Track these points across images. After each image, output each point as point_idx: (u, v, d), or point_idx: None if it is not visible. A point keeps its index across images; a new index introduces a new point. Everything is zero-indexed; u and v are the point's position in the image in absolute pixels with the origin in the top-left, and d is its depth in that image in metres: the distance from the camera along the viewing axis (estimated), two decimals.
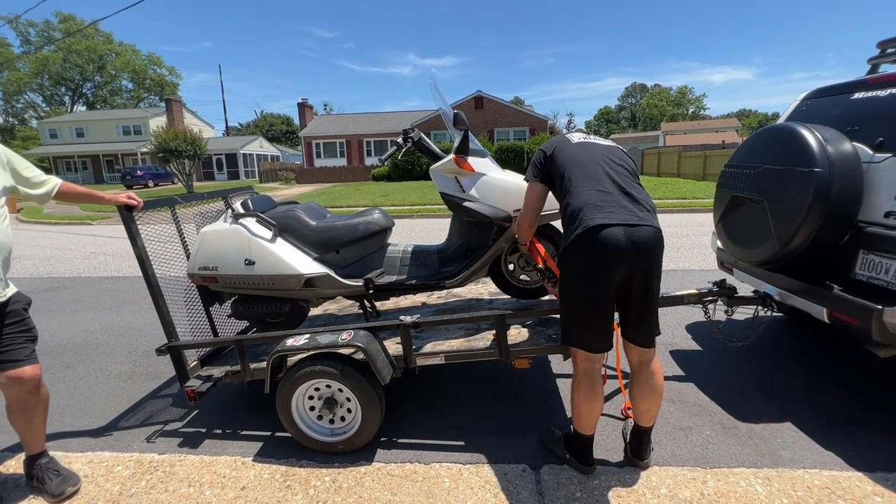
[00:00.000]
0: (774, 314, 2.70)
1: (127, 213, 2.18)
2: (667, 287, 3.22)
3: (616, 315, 2.26)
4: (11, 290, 1.87)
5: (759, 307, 2.67)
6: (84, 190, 2.17)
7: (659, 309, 2.42)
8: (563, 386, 2.70)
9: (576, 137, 1.97)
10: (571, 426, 1.97)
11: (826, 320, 2.16)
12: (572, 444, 1.98)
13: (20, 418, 1.91)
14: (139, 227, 2.24)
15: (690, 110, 69.67)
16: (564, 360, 2.34)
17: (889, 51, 2.58)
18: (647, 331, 1.82)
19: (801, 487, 1.82)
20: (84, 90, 48.33)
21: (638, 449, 1.98)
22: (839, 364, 2.88)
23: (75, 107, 47.74)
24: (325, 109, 60.70)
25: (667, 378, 2.75)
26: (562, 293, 1.83)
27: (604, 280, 1.66)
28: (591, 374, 1.82)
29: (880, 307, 1.86)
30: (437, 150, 2.49)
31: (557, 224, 2.50)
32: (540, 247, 2.29)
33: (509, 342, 2.14)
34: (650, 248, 1.66)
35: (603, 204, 1.67)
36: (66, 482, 1.93)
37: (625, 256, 1.63)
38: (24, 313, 1.91)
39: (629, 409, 2.35)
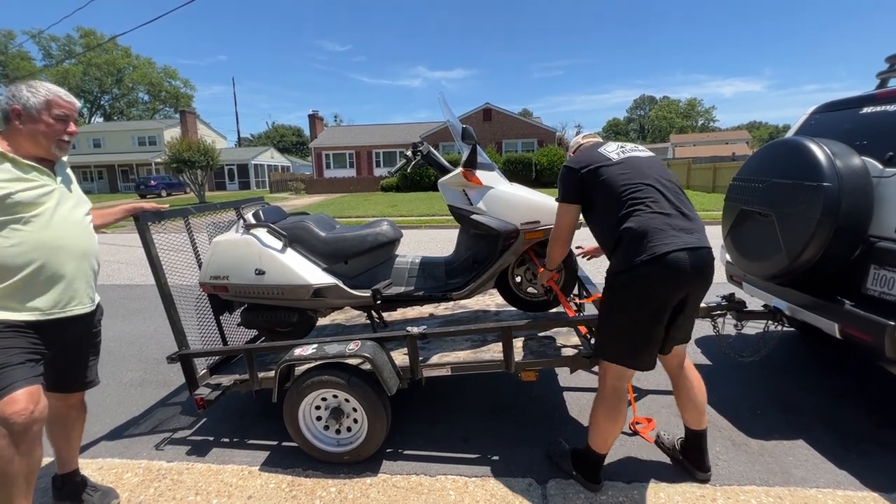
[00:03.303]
0: (785, 329, 2.66)
1: (142, 223, 2.23)
2: None
3: None
4: (97, 297, 1.87)
5: (770, 322, 2.64)
6: (107, 212, 2.10)
7: None
8: (570, 399, 2.68)
9: (613, 153, 1.83)
10: (586, 442, 1.91)
11: (838, 336, 2.13)
12: (581, 459, 1.95)
13: (60, 432, 1.87)
14: (153, 236, 2.29)
15: (700, 122, 69.48)
16: (571, 372, 2.34)
17: None
18: (686, 336, 1.87)
19: None
20: (102, 102, 49.62)
21: (701, 459, 1.95)
22: (853, 380, 2.83)
23: (93, 118, 48.98)
24: (336, 121, 61.54)
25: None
26: (611, 312, 1.75)
27: (667, 302, 1.65)
28: (619, 392, 1.80)
29: (893, 323, 1.84)
30: (445, 163, 2.53)
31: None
32: (553, 285, 2.37)
33: (516, 354, 2.14)
34: (709, 270, 1.68)
35: (665, 228, 1.63)
36: (107, 497, 1.93)
37: (690, 280, 1.62)
38: (100, 325, 1.91)
39: (637, 423, 2.33)
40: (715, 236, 2.16)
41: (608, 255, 1.81)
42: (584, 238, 2.43)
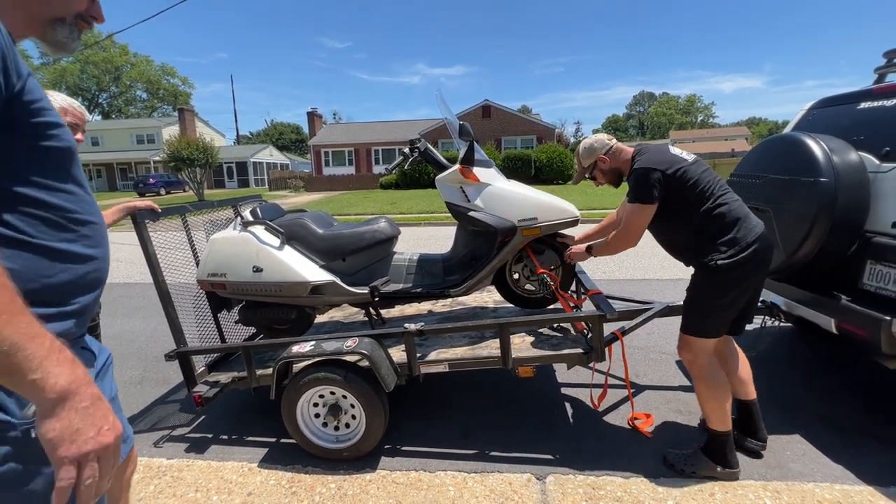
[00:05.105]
0: (782, 325, 2.67)
1: (139, 221, 2.23)
2: (674, 296, 3.20)
3: (622, 324, 2.27)
4: None
5: (767, 317, 2.64)
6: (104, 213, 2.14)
7: (665, 319, 2.42)
8: (568, 395, 2.69)
9: (684, 154, 1.95)
10: (709, 429, 1.95)
11: (834, 331, 2.13)
12: (712, 449, 1.94)
13: None
14: (150, 234, 2.29)
15: (699, 119, 69.37)
16: (568, 368, 2.34)
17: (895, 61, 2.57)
18: (751, 318, 2.03)
19: (811, 502, 1.80)
20: (100, 100, 49.41)
21: (757, 428, 2.09)
22: (849, 375, 2.84)
23: (91, 116, 48.83)
24: (335, 118, 61.41)
25: (674, 389, 2.74)
26: (716, 291, 1.84)
27: (765, 275, 1.89)
28: (713, 363, 1.94)
29: (889, 318, 1.84)
30: (443, 160, 2.52)
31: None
32: (554, 281, 2.41)
33: (513, 351, 2.15)
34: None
35: (748, 212, 1.87)
36: None
37: (773, 255, 1.87)
38: (98, 317, 1.95)
39: (636, 419, 2.34)
40: None
41: (691, 245, 1.91)
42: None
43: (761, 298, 2.72)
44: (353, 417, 2.15)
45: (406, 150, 2.54)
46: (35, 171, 0.76)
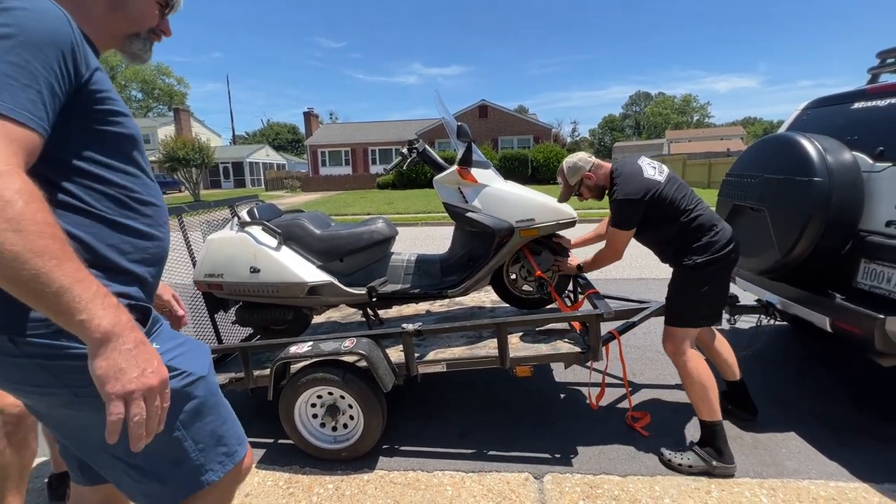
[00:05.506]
0: (778, 323, 2.69)
1: None
2: None
3: (618, 323, 2.28)
4: None
5: (762, 316, 2.66)
6: None
7: (662, 318, 2.44)
8: (566, 394, 2.70)
9: (656, 175, 2.07)
10: (700, 421, 2.03)
11: (829, 329, 2.15)
12: (709, 440, 2.00)
13: None
14: None
15: (695, 118, 69.70)
16: (566, 368, 2.35)
17: (889, 61, 2.60)
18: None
19: (806, 499, 1.81)
20: None
21: (747, 403, 2.34)
22: (844, 373, 2.86)
23: None
24: (331, 118, 61.27)
25: (670, 387, 2.75)
26: (696, 286, 2.03)
27: (731, 269, 2.10)
28: (696, 355, 2.08)
29: (883, 316, 1.85)
30: (440, 161, 2.52)
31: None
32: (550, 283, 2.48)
33: (511, 350, 2.15)
34: None
35: (718, 217, 2.10)
36: None
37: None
38: None
39: (633, 418, 2.35)
40: None
41: (671, 250, 2.10)
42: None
43: (757, 298, 2.78)
44: (351, 418, 2.15)
45: (404, 150, 2.54)
46: (97, 151, 0.85)
